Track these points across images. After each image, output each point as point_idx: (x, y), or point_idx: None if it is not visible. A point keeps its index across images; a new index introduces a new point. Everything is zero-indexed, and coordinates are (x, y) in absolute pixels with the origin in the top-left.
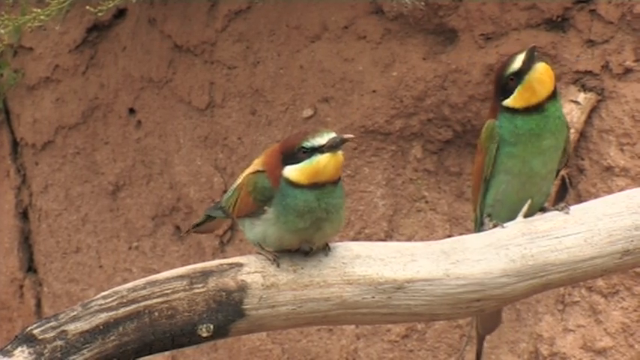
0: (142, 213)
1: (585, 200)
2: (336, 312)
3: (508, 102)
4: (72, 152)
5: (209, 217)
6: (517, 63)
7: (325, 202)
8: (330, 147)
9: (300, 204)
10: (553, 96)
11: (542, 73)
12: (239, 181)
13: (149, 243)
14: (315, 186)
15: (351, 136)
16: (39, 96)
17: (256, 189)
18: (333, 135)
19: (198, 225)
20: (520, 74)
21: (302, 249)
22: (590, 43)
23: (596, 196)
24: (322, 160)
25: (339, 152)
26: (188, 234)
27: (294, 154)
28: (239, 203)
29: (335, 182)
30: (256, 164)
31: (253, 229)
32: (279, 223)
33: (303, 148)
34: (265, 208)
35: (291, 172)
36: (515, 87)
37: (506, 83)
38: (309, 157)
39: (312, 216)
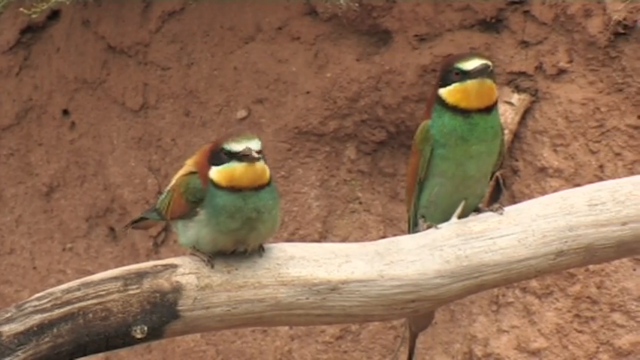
0: (75, 214)
1: (519, 201)
2: (271, 313)
3: (443, 92)
4: (6, 153)
5: (143, 219)
6: (470, 65)
7: (253, 202)
8: (246, 157)
9: (227, 205)
10: (486, 111)
11: (483, 88)
12: (172, 182)
13: (83, 244)
14: (234, 189)
15: (259, 149)
16: None
17: (188, 190)
18: (250, 143)
19: (134, 222)
20: (466, 75)
21: (237, 250)
22: (524, 44)
23: (530, 197)
24: (238, 168)
25: (258, 163)
26: (127, 229)
27: (217, 154)
28: (172, 205)
29: (258, 188)
30: (189, 164)
31: (187, 232)
32: (212, 225)
33: (224, 150)
34: (198, 209)
35: (214, 173)
36: (455, 82)
37: (450, 72)
38: (228, 161)
39: (242, 216)
